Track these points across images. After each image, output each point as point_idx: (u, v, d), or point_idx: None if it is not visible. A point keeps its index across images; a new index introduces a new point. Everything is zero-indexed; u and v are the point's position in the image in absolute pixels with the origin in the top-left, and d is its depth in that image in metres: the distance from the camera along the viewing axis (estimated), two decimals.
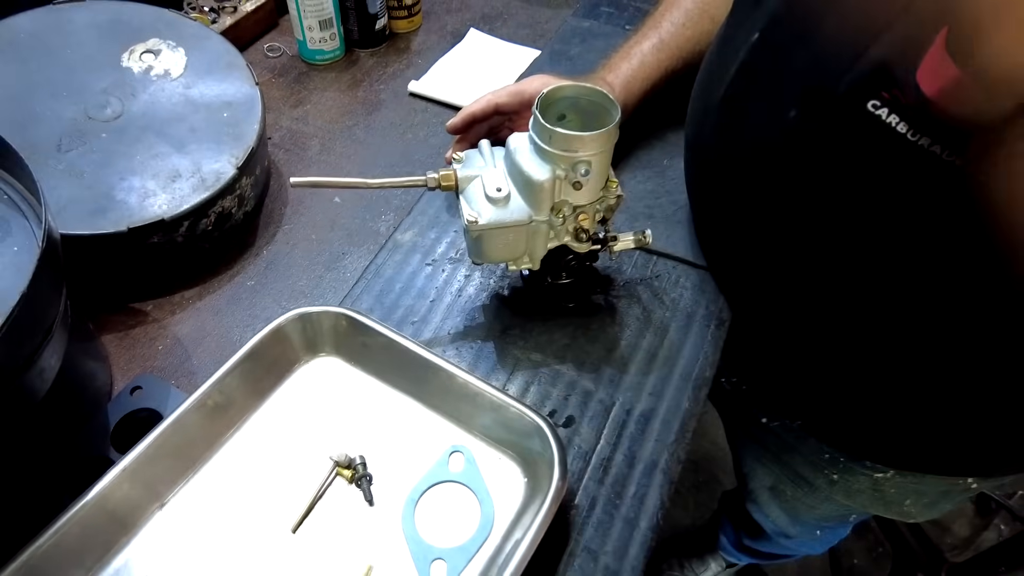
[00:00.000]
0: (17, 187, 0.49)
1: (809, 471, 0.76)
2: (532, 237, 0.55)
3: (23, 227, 0.49)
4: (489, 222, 0.52)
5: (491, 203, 0.53)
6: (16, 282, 0.41)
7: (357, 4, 0.89)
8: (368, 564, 0.47)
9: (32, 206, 0.49)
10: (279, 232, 0.71)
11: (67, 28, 0.68)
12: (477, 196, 0.53)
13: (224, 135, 0.66)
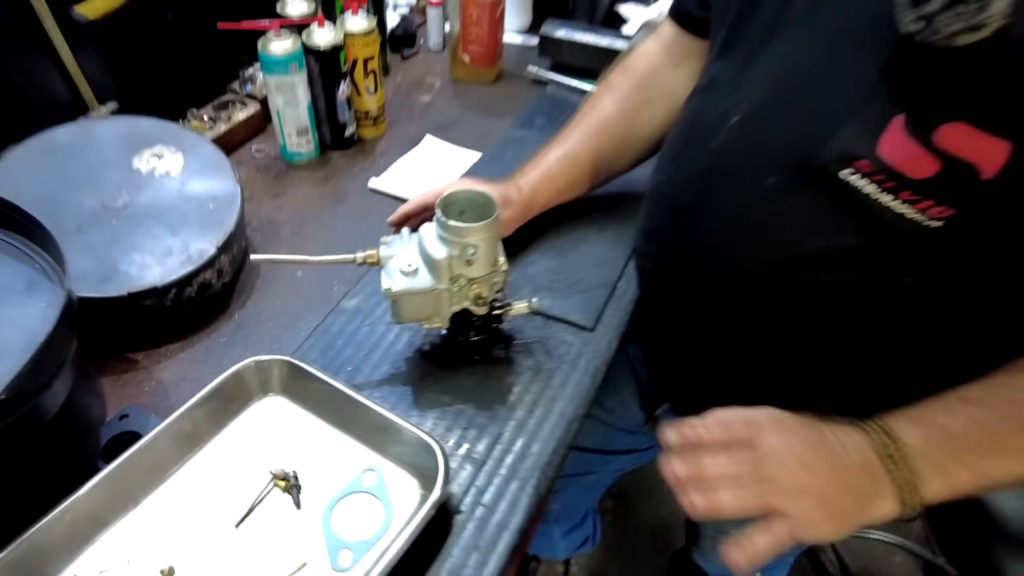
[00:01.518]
0: (47, 258, 0.66)
1: None
2: (437, 302, 0.71)
3: (49, 288, 0.65)
4: (401, 289, 0.69)
5: (404, 275, 0.69)
6: (43, 328, 0.57)
7: (329, 115, 1.09)
8: (303, 561, 0.61)
9: (57, 273, 0.65)
10: (250, 299, 0.87)
11: (92, 137, 0.88)
12: (394, 270, 0.70)
13: (209, 222, 0.83)
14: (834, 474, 0.52)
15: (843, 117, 0.53)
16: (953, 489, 0.53)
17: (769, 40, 0.61)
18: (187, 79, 1.11)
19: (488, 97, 1.30)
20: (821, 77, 0.56)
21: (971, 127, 0.46)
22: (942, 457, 0.53)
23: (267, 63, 0.99)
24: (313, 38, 1.01)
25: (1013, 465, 0.52)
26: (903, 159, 0.50)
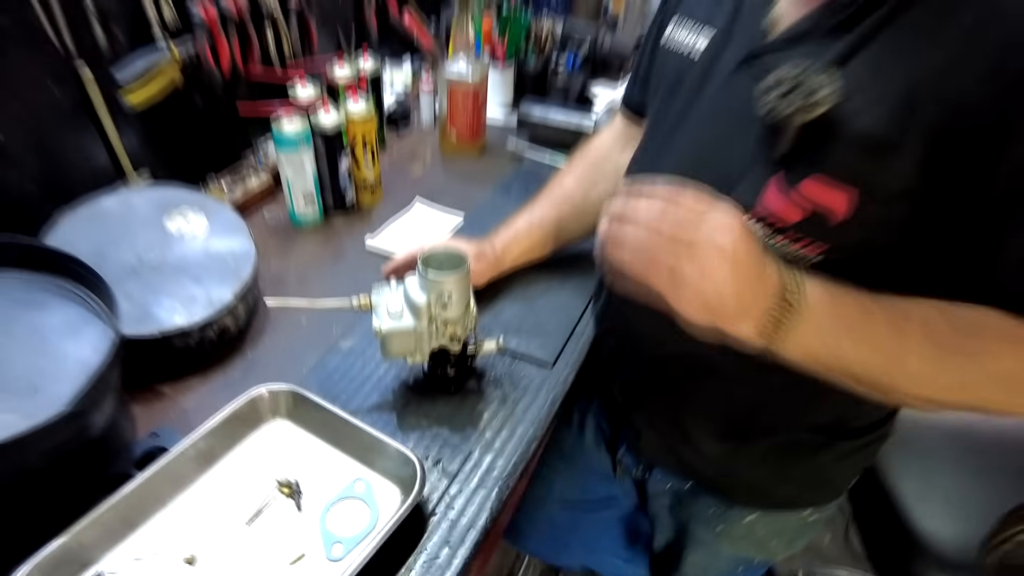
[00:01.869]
0: (99, 302, 0.80)
1: (701, 530, 0.99)
2: (419, 340, 0.86)
3: (100, 327, 0.79)
4: (388, 329, 0.83)
5: (391, 317, 0.84)
6: (95, 358, 0.72)
7: (332, 184, 1.26)
8: (302, 553, 0.73)
9: (108, 315, 0.80)
10: (260, 341, 1.01)
11: (132, 203, 1.04)
12: (383, 312, 0.85)
13: (229, 275, 0.98)
14: (742, 278, 0.58)
15: (736, 179, 0.69)
16: (805, 353, 0.61)
17: (683, 122, 0.78)
18: (209, 151, 1.28)
19: (472, 168, 1.48)
20: (719, 150, 0.72)
21: (823, 181, 0.62)
22: (820, 323, 0.60)
23: (279, 141, 1.17)
24: (319, 120, 1.19)
25: (864, 355, 0.61)
26: (779, 208, 0.65)
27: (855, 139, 0.60)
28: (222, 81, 1.24)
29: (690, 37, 0.79)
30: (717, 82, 0.74)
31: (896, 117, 0.58)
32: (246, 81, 1.29)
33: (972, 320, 0.60)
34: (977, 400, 0.62)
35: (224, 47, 1.20)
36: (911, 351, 0.60)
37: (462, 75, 1.39)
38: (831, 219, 0.63)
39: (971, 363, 0.60)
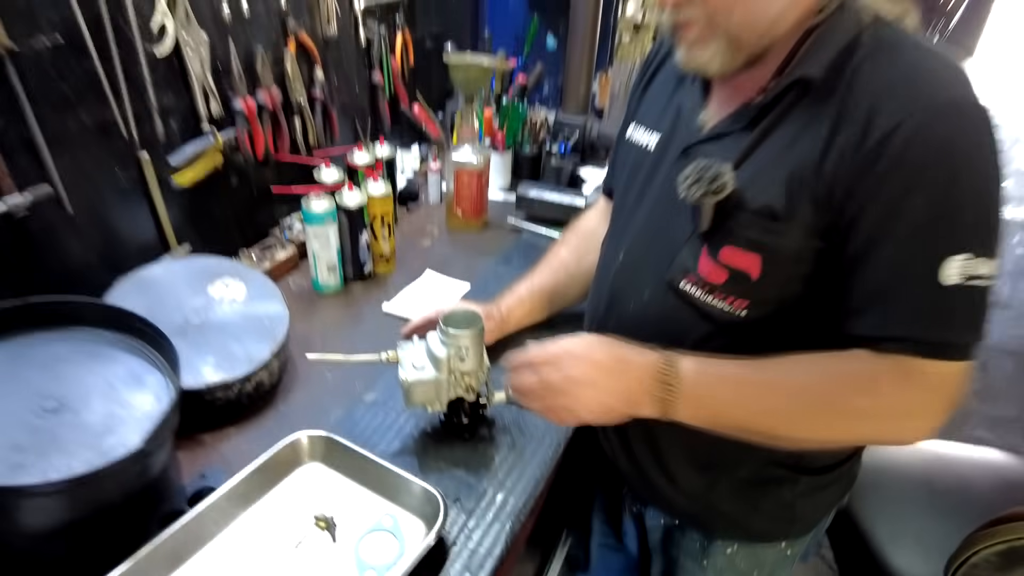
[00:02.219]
0: (160, 357, 0.92)
1: (690, 563, 1.07)
2: (439, 389, 0.97)
3: (159, 378, 0.90)
4: (413, 380, 0.95)
5: (415, 369, 0.96)
6: (158, 405, 0.82)
7: (352, 256, 1.39)
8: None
9: (167, 369, 0.91)
10: (291, 395, 1.12)
11: (177, 271, 1.16)
12: (408, 365, 0.97)
13: (265, 334, 1.10)
14: (613, 385, 0.79)
15: (677, 250, 0.84)
16: (695, 418, 0.78)
17: (640, 203, 0.94)
18: (241, 226, 1.42)
19: (476, 241, 1.63)
20: (666, 226, 0.88)
21: (736, 249, 0.77)
22: (699, 393, 0.78)
23: (308, 217, 1.31)
24: (344, 199, 1.33)
25: (739, 415, 0.78)
26: (709, 272, 0.81)
27: (756, 214, 0.75)
28: (255, 163, 1.40)
29: (645, 135, 0.96)
30: (664, 171, 0.90)
31: (787, 195, 0.73)
32: (276, 164, 1.45)
33: (834, 364, 0.75)
34: (845, 436, 0.80)
35: (259, 134, 1.36)
36: (779, 407, 0.76)
37: (468, 159, 1.56)
38: (749, 279, 0.78)
39: (832, 409, 0.75)
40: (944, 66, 0.70)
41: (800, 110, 0.75)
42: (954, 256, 0.68)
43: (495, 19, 2.14)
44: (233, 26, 1.26)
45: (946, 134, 0.67)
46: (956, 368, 0.71)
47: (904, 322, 0.71)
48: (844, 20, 0.73)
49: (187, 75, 1.19)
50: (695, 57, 0.78)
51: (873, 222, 0.70)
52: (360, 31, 1.62)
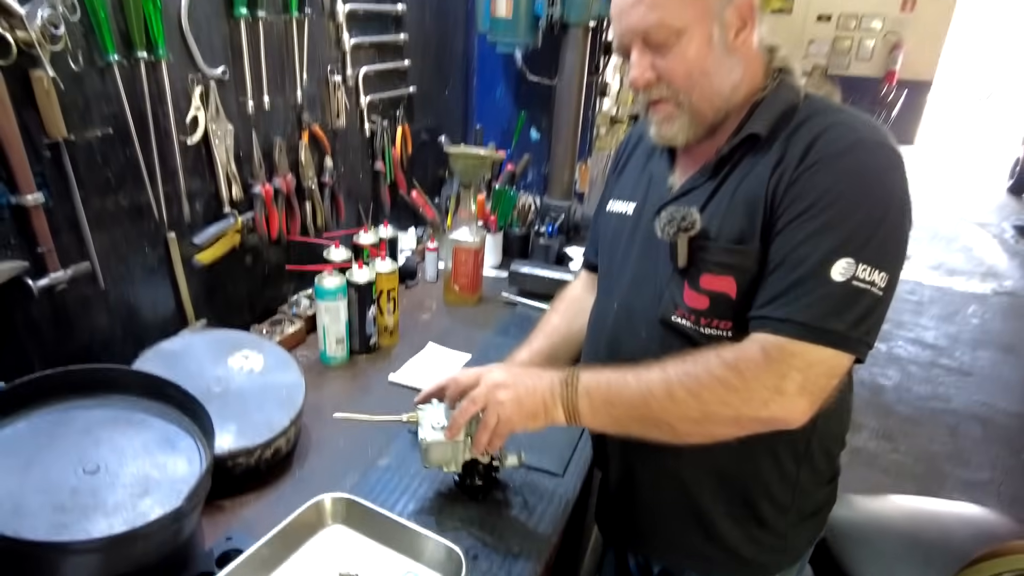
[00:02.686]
0: (191, 424, 0.96)
1: None
2: (455, 450, 1.03)
3: (190, 442, 0.95)
4: (432, 440, 1.00)
5: (434, 430, 1.01)
6: (192, 468, 0.87)
7: (360, 329, 1.46)
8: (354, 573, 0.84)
9: (200, 436, 0.95)
10: (307, 461, 1.16)
11: (198, 344, 1.22)
12: (427, 426, 1.02)
13: (283, 402, 1.15)
14: (528, 397, 0.92)
15: (665, 289, 0.96)
16: (595, 417, 0.90)
17: (625, 262, 1.05)
18: (253, 302, 1.49)
19: (473, 315, 1.71)
20: (650, 274, 0.99)
21: (712, 274, 0.90)
22: (595, 396, 0.90)
23: (320, 293, 1.38)
24: (354, 276, 1.42)
25: (625, 398, 0.88)
26: (694, 301, 0.92)
27: (724, 243, 0.89)
28: (268, 244, 1.48)
29: (623, 206, 1.09)
30: (642, 230, 1.02)
31: (747, 220, 0.88)
32: (286, 244, 1.54)
33: (704, 353, 0.86)
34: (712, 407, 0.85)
35: (274, 216, 1.46)
36: (653, 383, 0.87)
37: (466, 238, 1.67)
38: (729, 299, 0.89)
39: (694, 381, 0.85)
40: (863, 119, 0.87)
41: (750, 157, 0.91)
42: (843, 258, 0.81)
43: (484, 114, 2.32)
44: (256, 119, 1.38)
45: (857, 162, 0.84)
46: (828, 355, 0.81)
47: (784, 306, 0.83)
48: (783, 93, 0.92)
49: (213, 162, 1.29)
50: (665, 132, 0.94)
51: (784, 226, 0.85)
52: (365, 124, 1.76)
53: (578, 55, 1.97)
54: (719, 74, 0.90)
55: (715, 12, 0.88)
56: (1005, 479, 2.73)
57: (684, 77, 0.89)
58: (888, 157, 0.84)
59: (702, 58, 0.88)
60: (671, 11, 0.86)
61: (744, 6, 0.89)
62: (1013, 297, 4.60)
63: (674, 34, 0.87)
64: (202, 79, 1.22)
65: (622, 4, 0.91)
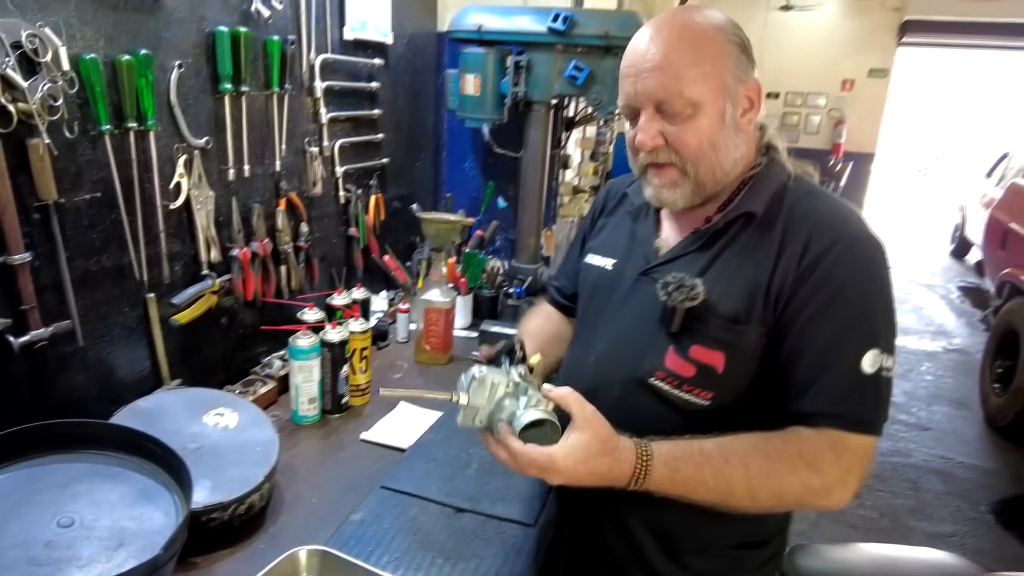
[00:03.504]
0: (168, 477, 0.97)
1: None
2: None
3: (167, 497, 0.96)
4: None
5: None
6: (168, 520, 0.88)
7: (332, 388, 1.49)
8: None
9: (174, 487, 0.96)
10: (280, 518, 1.16)
11: (173, 402, 1.23)
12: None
13: (257, 459, 1.17)
14: (591, 479, 0.87)
15: (646, 350, 0.99)
16: (662, 489, 0.88)
17: (603, 315, 1.09)
18: (226, 364, 1.51)
19: (444, 374, 1.75)
20: (632, 332, 1.02)
21: (704, 347, 0.93)
22: (667, 472, 0.88)
23: (295, 352, 1.42)
24: (328, 335, 1.46)
25: (700, 492, 0.88)
26: (677, 367, 0.96)
27: (720, 319, 0.93)
28: (244, 305, 1.52)
29: (601, 260, 1.13)
30: (624, 287, 1.06)
31: (746, 302, 0.92)
32: (261, 306, 1.57)
33: (779, 446, 0.89)
34: (787, 503, 0.92)
35: (251, 279, 1.50)
36: (735, 482, 0.88)
37: (438, 299, 1.73)
38: (716, 372, 0.94)
39: (777, 481, 0.88)
40: (850, 209, 0.97)
41: (748, 235, 0.96)
42: (870, 350, 0.89)
43: (454, 184, 2.43)
44: (236, 186, 1.45)
45: (863, 256, 0.92)
46: (872, 442, 0.89)
47: (835, 401, 0.88)
48: (773, 172, 0.98)
49: (194, 226, 1.35)
50: (666, 196, 0.97)
51: (808, 321, 0.90)
52: (340, 192, 1.84)
53: (541, 130, 2.10)
54: (725, 149, 0.94)
55: (730, 90, 0.92)
56: (967, 531, 2.78)
57: (695, 148, 0.92)
58: (880, 249, 0.92)
59: (713, 133, 0.92)
60: (692, 85, 0.90)
61: (754, 88, 0.95)
62: (962, 354, 4.79)
63: (690, 106, 0.90)
64: (187, 148, 1.29)
65: (639, 66, 0.92)
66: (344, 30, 1.75)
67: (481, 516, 1.18)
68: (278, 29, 1.50)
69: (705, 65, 0.91)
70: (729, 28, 0.94)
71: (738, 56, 0.93)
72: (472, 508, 1.19)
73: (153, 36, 1.19)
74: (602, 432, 0.89)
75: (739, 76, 0.93)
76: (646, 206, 1.09)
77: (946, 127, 16.37)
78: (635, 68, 0.93)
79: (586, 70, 1.88)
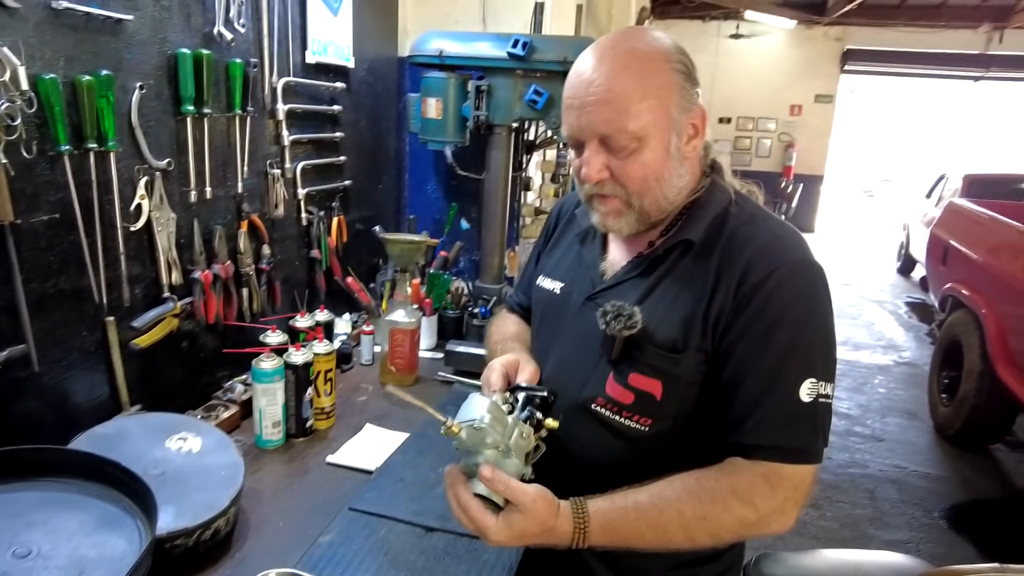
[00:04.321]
0: (131, 503, 0.95)
1: None
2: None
3: (130, 523, 0.93)
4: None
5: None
6: (131, 548, 0.86)
7: (296, 412, 1.47)
8: None
9: (137, 513, 0.94)
10: (246, 543, 1.14)
11: (134, 427, 1.20)
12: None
13: (222, 483, 1.14)
14: (534, 540, 0.86)
15: (589, 376, 1.00)
16: (602, 546, 0.88)
17: (553, 339, 1.09)
18: (187, 389, 1.48)
19: (411, 394, 1.73)
20: (576, 358, 1.03)
21: (641, 375, 0.95)
22: (605, 534, 0.87)
23: (258, 375, 1.40)
24: (292, 358, 1.44)
25: (640, 545, 0.89)
26: (617, 394, 0.97)
27: (657, 347, 0.94)
28: (205, 329, 1.50)
29: (551, 284, 1.13)
30: (571, 312, 1.06)
31: (683, 331, 0.92)
32: (223, 329, 1.55)
33: (711, 487, 0.89)
34: (730, 538, 0.93)
35: (212, 302, 1.48)
36: (671, 530, 0.89)
37: (403, 319, 1.73)
38: (655, 399, 0.94)
39: (713, 523, 0.89)
40: (791, 234, 0.96)
41: (686, 263, 0.96)
42: (808, 379, 0.89)
43: (417, 207, 2.44)
44: (198, 208, 1.43)
45: (801, 284, 0.92)
46: (808, 470, 0.91)
47: (771, 432, 0.89)
48: (715, 196, 0.98)
49: (155, 248, 1.33)
50: (611, 224, 0.98)
51: (746, 350, 0.91)
52: (302, 214, 1.83)
53: (503, 153, 2.13)
54: (670, 181, 0.94)
55: (675, 121, 0.92)
56: (923, 538, 2.87)
57: (639, 182, 0.92)
58: (820, 275, 0.93)
59: (658, 165, 0.92)
60: (637, 119, 0.88)
61: (698, 115, 0.94)
62: (911, 367, 4.97)
63: (636, 140, 0.89)
64: (148, 170, 1.28)
65: (583, 98, 0.90)
66: (306, 54, 1.76)
67: (452, 535, 1.18)
68: (240, 52, 1.51)
69: (651, 98, 0.89)
70: (674, 54, 0.92)
71: (682, 85, 0.92)
72: (442, 527, 1.19)
73: (115, 57, 1.19)
74: (541, 514, 0.86)
75: (684, 106, 0.92)
76: (593, 229, 1.08)
77: (891, 151, 17.14)
78: (579, 100, 0.91)
79: (546, 94, 1.92)
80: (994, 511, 3.15)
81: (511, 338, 1.22)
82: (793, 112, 10.31)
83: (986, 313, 3.35)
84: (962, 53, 9.78)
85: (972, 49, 9.76)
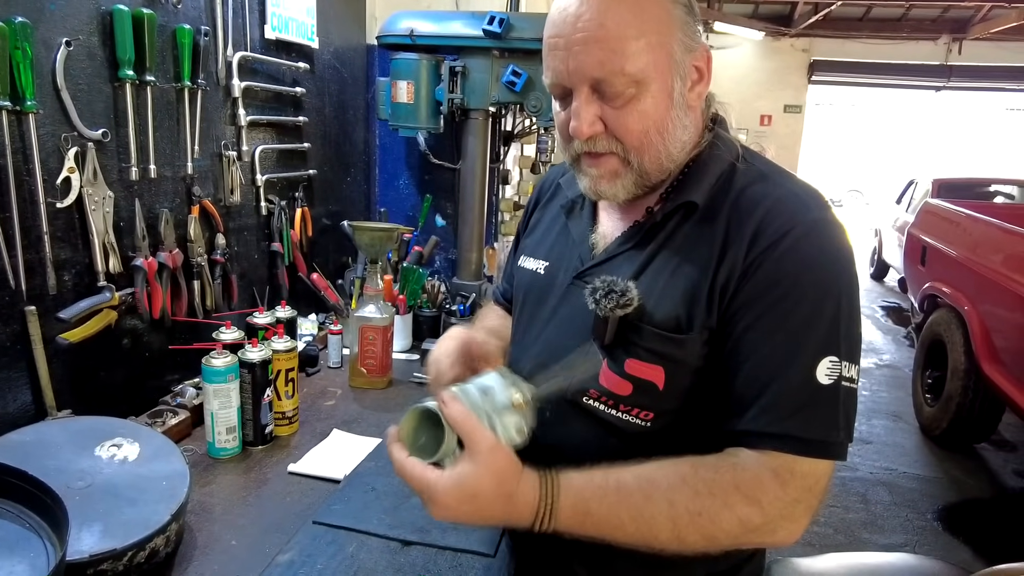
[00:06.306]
0: (38, 521, 0.78)
1: None
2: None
3: (37, 545, 0.77)
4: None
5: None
6: (40, 573, 0.70)
7: (254, 416, 1.31)
8: None
9: (46, 532, 0.78)
10: (191, 566, 0.98)
11: (57, 433, 1.03)
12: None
13: (162, 495, 0.98)
14: (489, 509, 0.71)
15: None
16: (571, 532, 0.72)
17: (535, 323, 0.95)
18: (129, 392, 1.31)
19: (383, 399, 1.59)
20: (564, 344, 0.88)
21: (640, 361, 0.80)
22: (576, 516, 0.72)
23: (209, 374, 1.24)
24: (248, 355, 1.28)
25: (617, 536, 0.73)
26: (613, 385, 0.82)
27: (657, 328, 0.79)
28: (150, 324, 1.33)
29: (534, 263, 0.98)
30: (557, 293, 0.92)
31: (687, 307, 0.78)
32: (171, 326, 1.39)
33: (711, 477, 0.74)
34: (722, 544, 0.75)
35: (158, 294, 1.32)
36: (657, 524, 0.73)
37: (373, 315, 1.58)
38: (656, 389, 0.80)
39: (709, 521, 0.73)
40: (807, 191, 0.82)
41: (689, 229, 0.82)
42: (826, 356, 0.74)
43: (387, 200, 2.30)
44: (140, 187, 1.27)
45: (821, 245, 0.77)
46: (827, 467, 0.75)
47: (782, 419, 0.74)
48: (719, 152, 0.84)
49: (88, 230, 1.16)
50: (604, 188, 0.83)
51: (753, 323, 0.76)
52: (262, 203, 1.68)
53: (480, 140, 2.00)
54: (673, 133, 0.80)
55: (678, 62, 0.78)
56: (918, 540, 2.78)
57: (638, 135, 0.79)
58: (841, 234, 0.78)
59: (660, 115, 0.79)
60: (634, 60, 0.75)
61: (703, 56, 0.81)
62: (892, 369, 4.93)
63: (633, 84, 0.76)
64: (78, 139, 1.12)
65: (569, 36, 0.76)
66: (265, 28, 1.62)
67: (432, 548, 1.03)
68: (190, 19, 1.36)
69: (649, 35, 0.76)
70: None
71: (684, 19, 0.79)
72: (421, 540, 1.04)
73: (33, 4, 1.03)
74: (500, 471, 0.71)
75: (687, 44, 0.79)
76: (581, 198, 0.94)
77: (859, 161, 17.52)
78: (564, 39, 0.76)
79: (524, 75, 1.80)
80: (986, 511, 3.08)
81: (487, 331, 1.06)
82: (763, 122, 10.44)
83: (969, 311, 3.31)
84: (923, 64, 10.03)
85: (933, 60, 10.00)
